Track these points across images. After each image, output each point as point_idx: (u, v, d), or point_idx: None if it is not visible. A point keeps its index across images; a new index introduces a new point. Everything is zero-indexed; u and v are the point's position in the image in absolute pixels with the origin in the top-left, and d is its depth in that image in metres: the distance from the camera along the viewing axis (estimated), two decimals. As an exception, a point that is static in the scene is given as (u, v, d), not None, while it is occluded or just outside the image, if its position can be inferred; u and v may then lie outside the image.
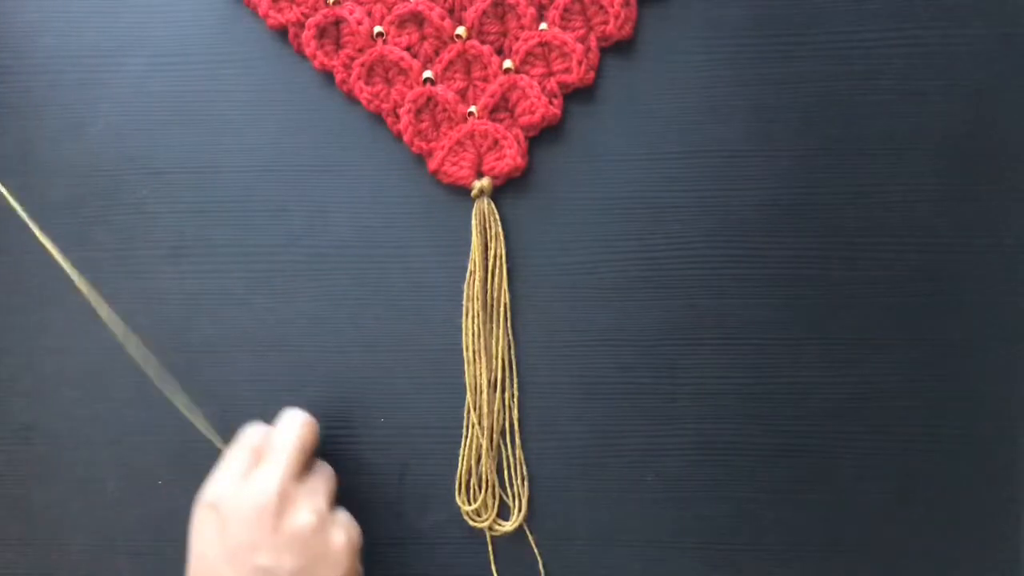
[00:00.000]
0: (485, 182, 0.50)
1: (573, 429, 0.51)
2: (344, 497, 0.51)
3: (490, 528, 0.50)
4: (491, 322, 0.50)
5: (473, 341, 0.50)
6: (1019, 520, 0.50)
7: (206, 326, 0.51)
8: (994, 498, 0.50)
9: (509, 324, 0.50)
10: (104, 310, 0.48)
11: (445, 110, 0.50)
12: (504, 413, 0.50)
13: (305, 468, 0.46)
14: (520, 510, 0.50)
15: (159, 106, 0.52)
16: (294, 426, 0.46)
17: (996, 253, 0.49)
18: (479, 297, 0.50)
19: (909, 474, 0.50)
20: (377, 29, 0.50)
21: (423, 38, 0.50)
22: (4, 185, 0.51)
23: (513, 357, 0.50)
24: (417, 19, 0.50)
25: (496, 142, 0.50)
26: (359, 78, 0.50)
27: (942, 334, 0.50)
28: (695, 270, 0.50)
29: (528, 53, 0.50)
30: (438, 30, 0.50)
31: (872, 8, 0.49)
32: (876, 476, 0.50)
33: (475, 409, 0.50)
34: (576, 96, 0.50)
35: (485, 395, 0.50)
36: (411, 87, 0.50)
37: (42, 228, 0.52)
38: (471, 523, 0.50)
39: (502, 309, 0.50)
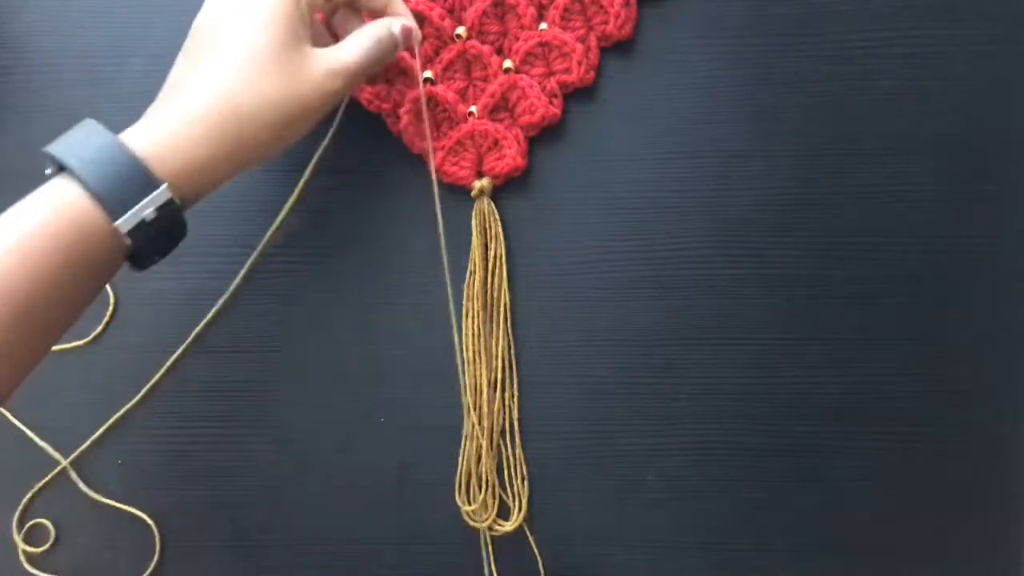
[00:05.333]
0: (485, 182, 0.50)
1: (573, 429, 0.50)
2: (344, 497, 0.51)
3: (490, 528, 0.50)
4: (491, 322, 0.50)
5: (473, 341, 0.50)
6: (1019, 520, 0.50)
7: (206, 326, 0.51)
8: (994, 498, 0.50)
9: (509, 324, 0.50)
10: None
11: (445, 110, 0.50)
12: (504, 413, 0.50)
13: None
14: (520, 510, 0.50)
15: (159, 106, 0.52)
16: None
17: (996, 253, 0.49)
18: (479, 297, 0.50)
19: (909, 474, 0.50)
20: (377, 29, 0.50)
21: (423, 38, 0.50)
22: (3, 185, 0.51)
23: (513, 357, 0.50)
24: (417, 19, 0.50)
25: (496, 142, 0.50)
26: (359, 78, 0.50)
27: (942, 334, 0.50)
28: (695, 270, 0.50)
29: (528, 53, 0.50)
30: (438, 30, 0.50)
31: (872, 8, 0.49)
32: (876, 476, 0.50)
33: (475, 409, 0.50)
34: (576, 96, 0.50)
35: (485, 395, 0.50)
36: (411, 87, 0.50)
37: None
38: (471, 523, 0.50)
39: (502, 309, 0.50)
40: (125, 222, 0.36)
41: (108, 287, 0.51)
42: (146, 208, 0.36)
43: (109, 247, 0.36)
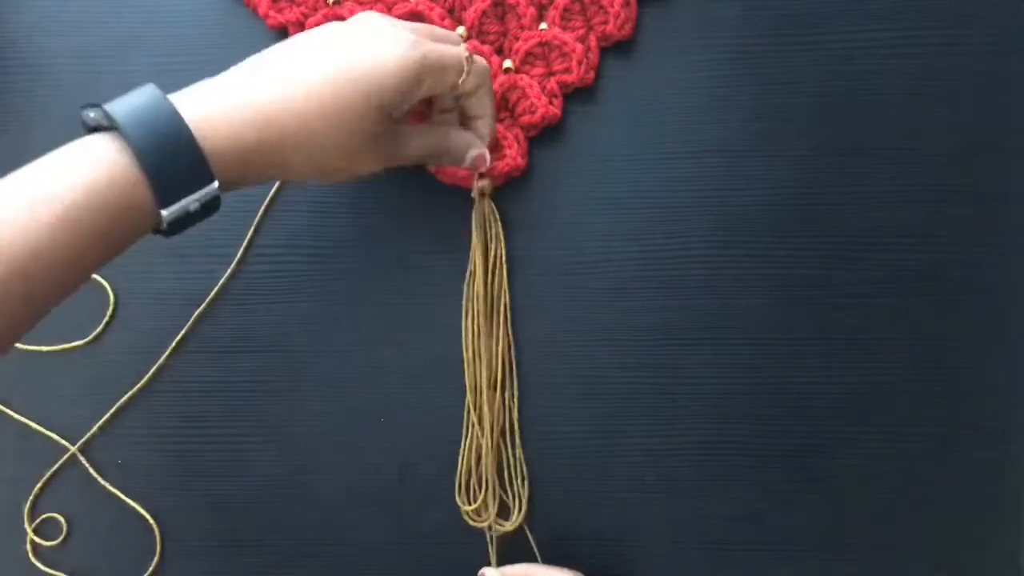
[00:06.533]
0: (485, 182, 0.50)
1: (573, 429, 0.50)
2: (344, 497, 0.51)
3: (490, 528, 0.50)
4: (491, 322, 0.50)
5: (473, 341, 0.50)
6: (1019, 520, 0.50)
7: (206, 326, 0.51)
8: (994, 498, 0.50)
9: (509, 324, 0.50)
10: None
11: (445, 110, 0.50)
12: (504, 413, 0.50)
13: None
14: (520, 510, 0.50)
15: (159, 106, 0.52)
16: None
17: (996, 253, 0.49)
18: (479, 297, 0.50)
19: (909, 474, 0.50)
20: (377, 29, 0.50)
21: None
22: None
23: (513, 357, 0.50)
24: (417, 19, 0.50)
25: (496, 142, 0.50)
26: (359, 78, 0.50)
27: (942, 334, 0.50)
28: (695, 270, 0.50)
29: (528, 53, 0.50)
30: (438, 30, 0.50)
31: (872, 8, 0.49)
32: (876, 476, 0.50)
33: (475, 409, 0.50)
34: (576, 96, 0.50)
35: (485, 395, 0.50)
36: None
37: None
38: (471, 523, 0.50)
39: (502, 309, 0.50)
40: (171, 213, 0.36)
41: (108, 287, 0.51)
42: (193, 204, 0.37)
43: (147, 226, 0.37)
